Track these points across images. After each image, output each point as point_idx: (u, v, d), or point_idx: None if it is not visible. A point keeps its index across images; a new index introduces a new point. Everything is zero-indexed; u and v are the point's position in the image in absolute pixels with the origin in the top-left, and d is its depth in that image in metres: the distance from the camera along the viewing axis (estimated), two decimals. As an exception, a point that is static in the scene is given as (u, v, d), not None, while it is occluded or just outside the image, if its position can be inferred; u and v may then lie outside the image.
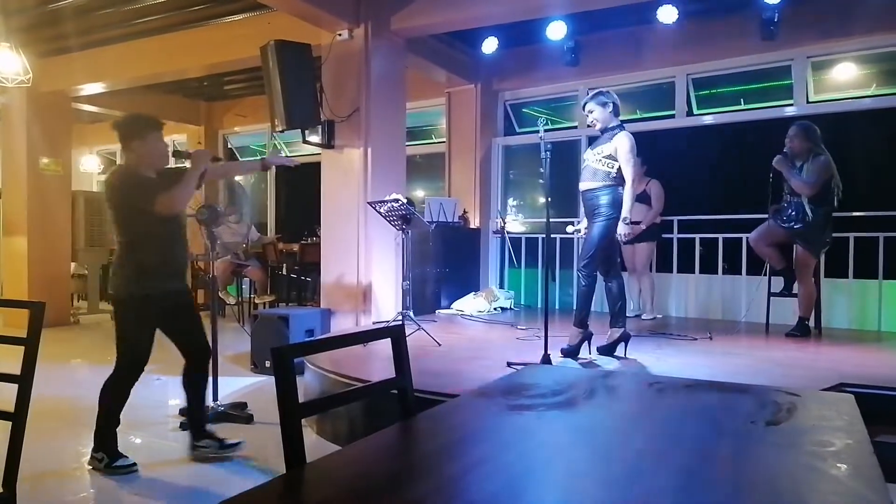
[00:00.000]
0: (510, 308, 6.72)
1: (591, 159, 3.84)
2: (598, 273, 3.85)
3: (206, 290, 8.42)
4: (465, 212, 7.10)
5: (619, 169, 3.75)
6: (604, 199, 3.75)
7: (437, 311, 6.42)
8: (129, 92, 8.27)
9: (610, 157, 3.76)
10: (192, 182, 3.08)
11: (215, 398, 3.79)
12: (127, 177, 3.05)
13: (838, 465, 1.16)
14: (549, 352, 3.62)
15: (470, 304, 6.43)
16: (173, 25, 6.45)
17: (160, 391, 4.57)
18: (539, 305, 6.55)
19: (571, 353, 3.84)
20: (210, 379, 3.77)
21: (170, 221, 3.07)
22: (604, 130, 3.87)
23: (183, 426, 3.55)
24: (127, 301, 3.04)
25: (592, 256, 3.77)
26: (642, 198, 5.93)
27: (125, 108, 8.87)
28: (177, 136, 10.49)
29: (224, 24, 6.32)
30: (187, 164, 3.39)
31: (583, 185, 3.87)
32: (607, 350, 3.94)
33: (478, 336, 5.00)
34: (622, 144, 3.74)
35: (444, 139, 7.72)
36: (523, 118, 7.66)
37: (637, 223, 5.91)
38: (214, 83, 8.70)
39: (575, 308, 3.93)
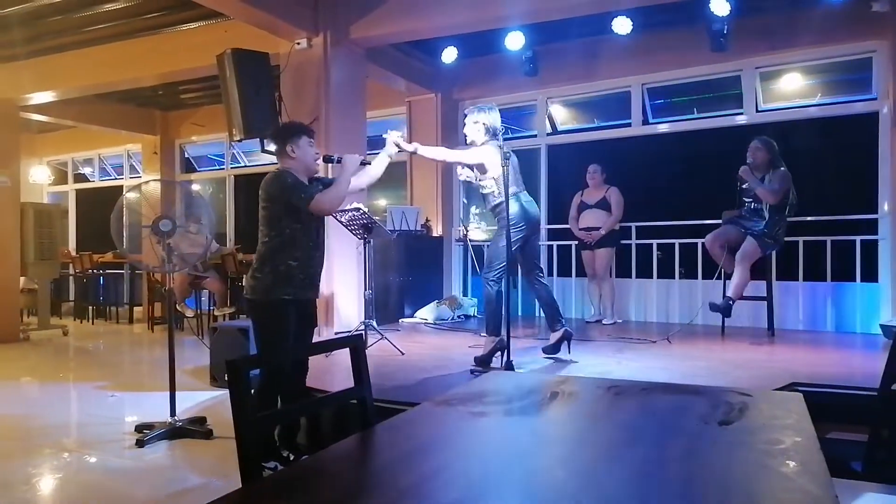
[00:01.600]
0: (474, 315, 6.74)
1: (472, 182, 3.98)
2: (503, 281, 3.87)
3: (162, 302, 8.22)
4: (427, 220, 7.11)
5: (494, 182, 3.83)
6: (499, 214, 3.83)
7: (400, 320, 6.40)
8: (80, 101, 8.06)
9: (480, 172, 3.88)
10: (345, 183, 3.13)
11: (173, 413, 3.70)
12: (285, 176, 3.04)
13: (787, 462, 1.20)
14: (511, 358, 3.64)
15: (433, 312, 6.43)
16: (127, 33, 6.32)
17: (116, 408, 4.44)
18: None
19: (485, 361, 3.84)
20: (168, 394, 3.70)
21: (316, 226, 3.11)
22: (471, 145, 3.94)
23: (139, 443, 3.46)
24: (267, 306, 3.00)
25: (493, 266, 3.84)
26: (602, 204, 6.04)
27: (76, 118, 8.68)
28: (131, 147, 10.26)
29: (179, 32, 6.22)
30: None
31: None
32: (552, 350, 4.06)
33: (441, 344, 5.00)
34: (470, 154, 3.86)
35: (405, 148, 7.72)
36: (484, 127, 7.71)
37: (596, 229, 6.02)
38: (170, 92, 8.54)
39: (487, 318, 3.94)
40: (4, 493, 2.92)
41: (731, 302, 4.97)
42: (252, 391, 2.75)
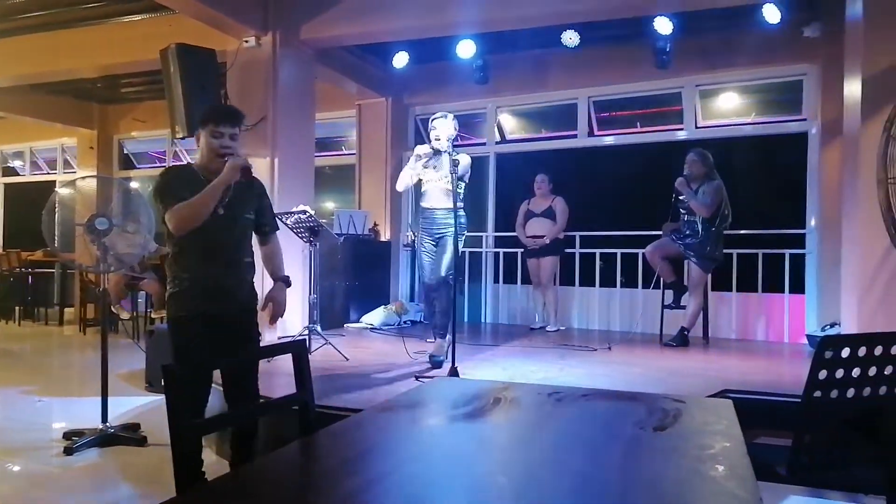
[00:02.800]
0: (421, 321, 6.74)
1: (437, 180, 4.08)
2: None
3: (96, 304, 7.90)
4: (375, 224, 7.08)
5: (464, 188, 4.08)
6: (451, 219, 3.95)
7: (345, 325, 6.34)
8: (10, 91, 7.68)
9: (462, 178, 4.03)
10: (209, 197, 2.42)
11: (104, 419, 3.56)
12: (162, 175, 2.54)
13: (716, 466, 1.25)
14: (455, 364, 3.66)
15: (380, 317, 6.40)
16: (64, 22, 6.07)
17: (43, 414, 4.24)
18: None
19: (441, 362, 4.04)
20: (100, 400, 3.56)
21: (219, 231, 2.51)
22: (440, 151, 4.09)
23: (67, 451, 3.31)
24: (169, 324, 2.59)
25: (455, 269, 4.03)
26: (547, 213, 6.15)
27: (7, 108, 8.25)
28: (66, 140, 9.84)
29: (122, 23, 6.02)
30: None
31: (430, 204, 4.14)
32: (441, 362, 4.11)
33: (387, 350, 4.97)
34: (468, 164, 4.09)
35: (354, 151, 7.68)
36: (433, 133, 7.74)
37: (541, 237, 6.12)
38: (110, 85, 8.24)
39: (445, 319, 4.10)
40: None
41: (686, 332, 5.15)
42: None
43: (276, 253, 2.83)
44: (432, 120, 4.19)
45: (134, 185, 9.91)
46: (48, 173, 10.32)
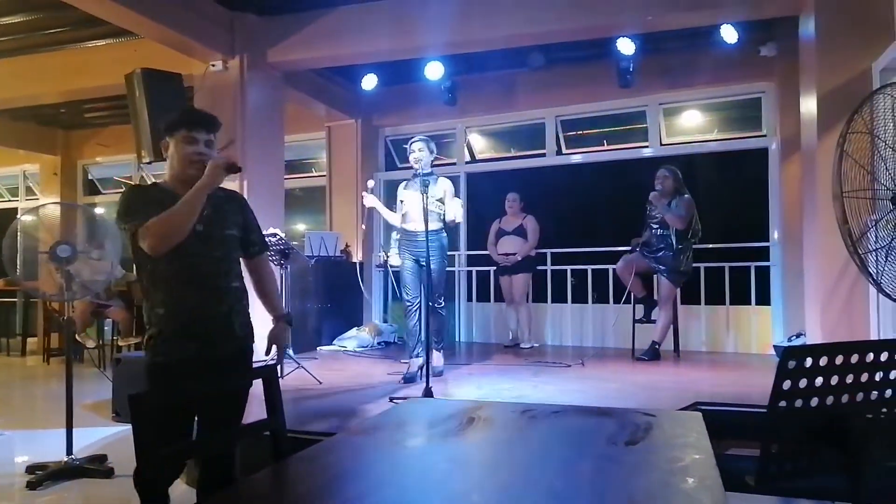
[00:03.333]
0: (395, 342, 6.70)
1: (419, 202, 4.10)
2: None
3: (60, 333, 7.70)
4: (347, 246, 7.05)
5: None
6: (437, 243, 4.18)
7: (318, 348, 6.28)
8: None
9: (441, 200, 4.26)
10: (191, 204, 2.03)
11: (69, 451, 3.46)
12: (124, 193, 2.16)
13: (687, 478, 1.27)
14: (430, 385, 3.65)
15: (353, 339, 6.35)
16: (25, 48, 5.99)
17: (4, 448, 4.10)
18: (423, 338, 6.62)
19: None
20: (65, 431, 3.46)
21: (198, 253, 2.09)
22: (421, 174, 4.23)
23: (30, 485, 3.20)
24: (144, 374, 2.17)
25: (443, 288, 4.35)
26: (518, 231, 6.20)
27: (-33, 135, 8.06)
28: (28, 167, 9.64)
29: (85, 49, 5.96)
30: None
31: (414, 226, 4.31)
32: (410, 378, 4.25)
33: (360, 371, 4.93)
34: (450, 187, 4.34)
35: (324, 173, 7.67)
36: (404, 154, 7.77)
37: (512, 255, 6.16)
38: (73, 110, 8.11)
39: (441, 338, 4.49)
40: None
41: (657, 346, 5.22)
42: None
43: (269, 279, 2.38)
44: (411, 143, 4.34)
45: (99, 210, 9.74)
46: (9, 200, 10.07)
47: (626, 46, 5.58)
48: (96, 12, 4.66)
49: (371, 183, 4.60)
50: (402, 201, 4.45)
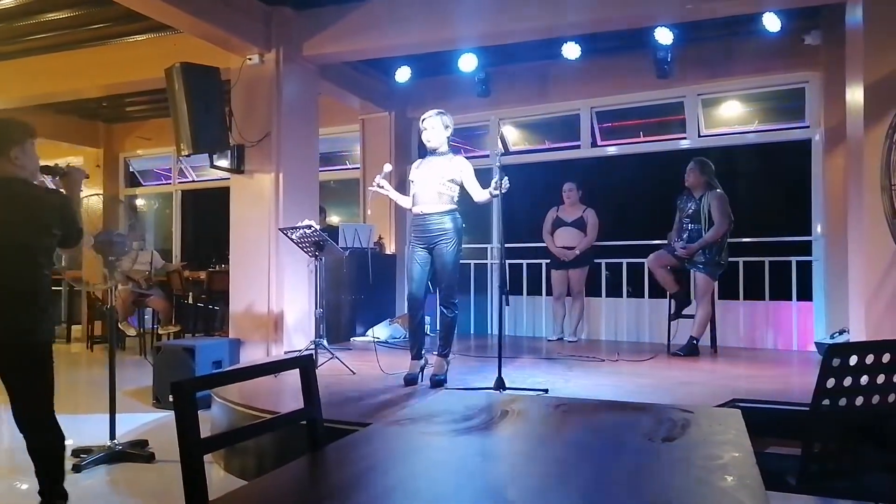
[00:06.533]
0: (427, 334, 6.71)
1: (431, 181, 3.83)
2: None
3: (103, 321, 7.93)
4: (380, 238, 7.09)
5: (458, 192, 3.87)
6: (449, 225, 3.81)
7: (352, 339, 6.34)
8: (18, 111, 7.73)
9: (452, 181, 3.84)
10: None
11: (112, 436, 3.56)
12: (41, 188, 2.69)
13: (726, 476, 1.24)
14: (501, 375, 3.61)
15: (386, 330, 6.40)
16: (70, 44, 6.15)
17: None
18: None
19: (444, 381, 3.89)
20: (108, 417, 3.56)
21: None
22: (435, 151, 3.91)
23: (76, 468, 3.31)
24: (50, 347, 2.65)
25: (455, 283, 3.88)
26: (578, 224, 6.10)
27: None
28: (72, 159, 9.90)
29: (126, 43, 6.09)
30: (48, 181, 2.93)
31: (421, 209, 3.86)
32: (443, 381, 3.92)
33: (392, 363, 4.96)
34: (467, 167, 3.87)
35: (358, 165, 7.72)
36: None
37: (570, 248, 6.07)
38: (115, 104, 8.31)
39: (448, 339, 3.97)
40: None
41: (694, 341, 5.11)
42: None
43: None
44: (422, 120, 3.94)
45: (140, 202, 9.99)
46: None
47: (663, 36, 5.48)
48: (137, 8, 4.76)
49: (388, 167, 4.17)
50: (412, 181, 3.97)
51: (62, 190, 2.82)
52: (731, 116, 6.76)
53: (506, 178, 3.60)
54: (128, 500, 3.04)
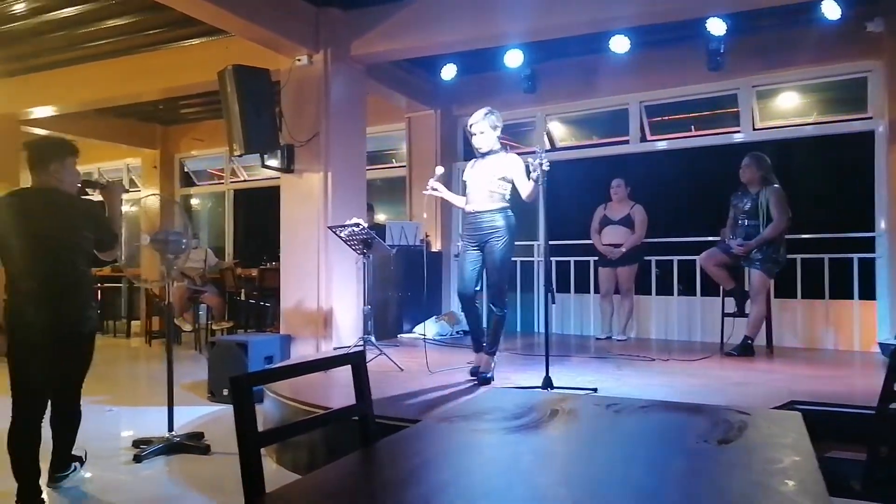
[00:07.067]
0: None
1: (482, 180, 3.87)
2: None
3: (160, 316, 8.21)
4: (426, 235, 7.13)
5: (510, 190, 3.88)
6: (501, 222, 3.83)
7: (398, 336, 6.40)
8: (80, 115, 8.10)
9: (503, 178, 3.85)
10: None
11: (171, 429, 3.69)
12: (75, 197, 3.08)
13: (786, 481, 1.21)
14: (549, 374, 3.60)
15: (432, 327, 6.43)
16: (128, 49, 6.38)
17: (113, 422, 4.43)
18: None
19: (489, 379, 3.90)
20: (166, 409, 3.69)
21: None
22: (489, 152, 3.93)
23: (136, 458, 3.45)
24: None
25: (505, 281, 3.86)
26: (625, 221, 6.00)
27: (76, 132, 8.70)
28: (131, 161, 10.30)
29: (181, 48, 6.27)
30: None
31: (473, 207, 3.91)
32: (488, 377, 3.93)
33: (439, 360, 4.98)
34: (518, 164, 3.84)
35: (404, 163, 7.77)
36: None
37: (618, 246, 5.98)
38: (170, 107, 8.59)
39: (496, 337, 3.98)
40: (0, 508, 2.90)
41: (749, 341, 4.96)
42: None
43: None
44: (470, 125, 3.95)
45: (194, 202, 10.30)
46: (114, 192, 10.79)
47: (716, 27, 5.32)
48: (192, 12, 4.90)
49: (440, 169, 4.24)
50: (465, 181, 4.05)
51: (103, 201, 3.24)
52: (787, 108, 6.52)
53: (544, 158, 3.57)
54: (185, 491, 3.14)
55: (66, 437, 3.08)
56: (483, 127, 3.89)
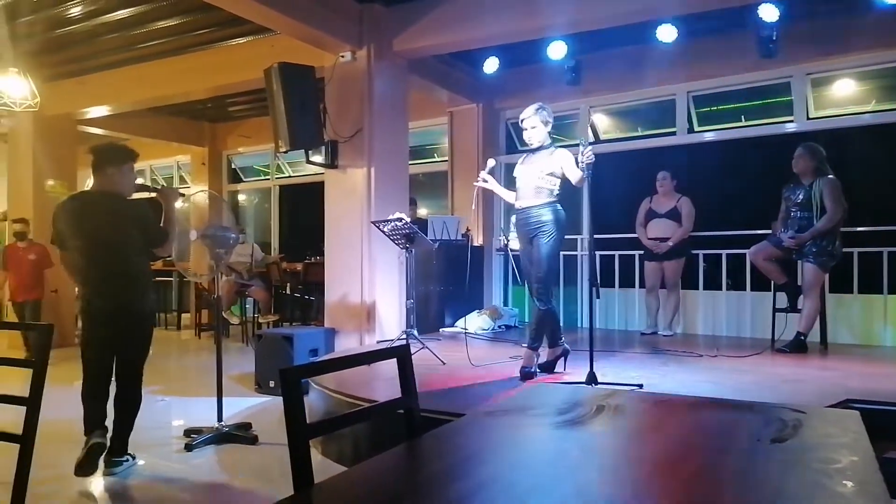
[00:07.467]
0: (514, 325, 6.71)
1: (531, 176, 3.90)
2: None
3: (209, 310, 8.44)
4: (468, 230, 7.12)
5: (559, 186, 3.89)
6: (548, 217, 3.84)
7: (440, 330, 6.42)
8: (133, 114, 8.37)
9: (552, 174, 3.86)
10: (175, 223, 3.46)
11: (220, 419, 3.79)
12: (126, 200, 3.35)
13: (844, 482, 1.16)
14: (593, 369, 3.57)
15: (474, 321, 6.43)
16: (178, 49, 6.54)
17: (165, 412, 4.57)
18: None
19: (550, 367, 4.05)
20: (216, 400, 3.80)
21: None
22: (539, 147, 3.95)
23: (188, 447, 3.55)
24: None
25: (549, 276, 3.85)
26: (671, 214, 5.88)
27: (130, 130, 9.01)
28: (181, 158, 10.59)
29: (228, 46, 6.41)
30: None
31: (522, 203, 3.95)
32: (548, 367, 4.03)
33: (482, 354, 4.98)
34: (567, 159, 3.84)
35: (446, 158, 7.78)
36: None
37: (664, 239, 5.86)
38: (218, 105, 8.79)
39: (539, 332, 3.97)
40: (57, 490, 3.03)
41: (802, 337, 4.81)
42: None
43: None
44: (521, 120, 3.98)
45: (241, 197, 10.52)
46: (166, 189, 11.12)
47: (768, 13, 5.15)
48: (240, 12, 5.00)
49: (491, 162, 4.32)
50: (515, 177, 4.08)
51: (156, 199, 3.55)
52: (843, 96, 6.27)
53: (589, 148, 3.59)
54: (234, 479, 3.22)
55: (127, 420, 3.31)
56: (534, 122, 3.91)
